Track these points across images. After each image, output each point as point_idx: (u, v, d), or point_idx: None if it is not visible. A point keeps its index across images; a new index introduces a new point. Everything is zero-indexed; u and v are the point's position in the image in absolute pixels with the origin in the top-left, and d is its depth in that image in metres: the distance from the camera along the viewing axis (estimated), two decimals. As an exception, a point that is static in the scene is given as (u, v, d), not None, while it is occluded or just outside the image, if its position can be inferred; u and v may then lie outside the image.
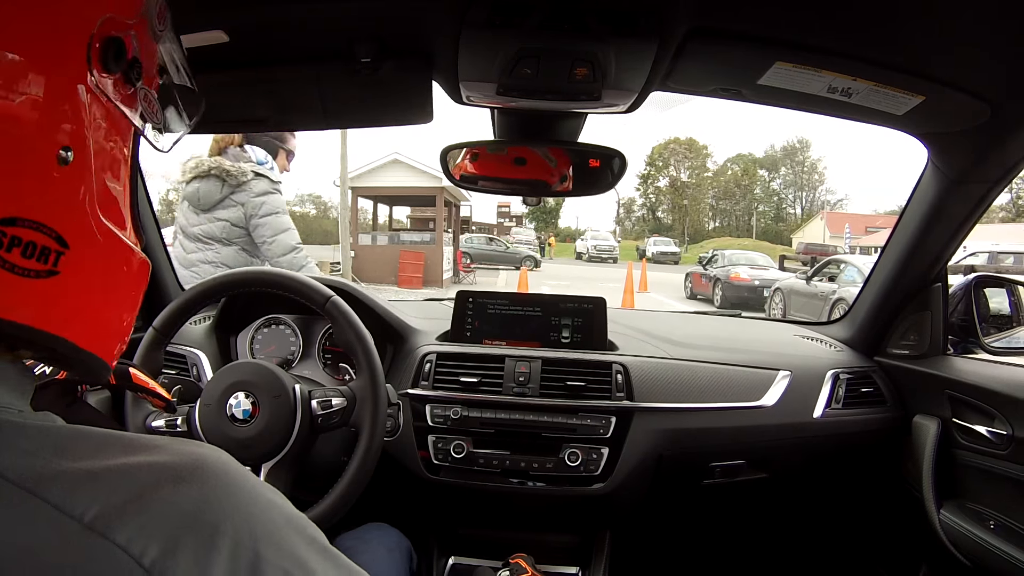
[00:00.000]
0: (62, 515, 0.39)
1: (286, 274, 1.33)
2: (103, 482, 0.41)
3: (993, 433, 1.47)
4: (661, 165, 69.51)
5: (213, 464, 0.46)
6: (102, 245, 0.51)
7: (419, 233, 20.38)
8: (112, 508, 0.40)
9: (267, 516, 0.46)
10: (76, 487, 0.40)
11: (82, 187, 0.49)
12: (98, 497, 0.40)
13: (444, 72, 1.23)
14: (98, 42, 0.49)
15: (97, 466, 0.42)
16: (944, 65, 1.11)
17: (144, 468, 0.43)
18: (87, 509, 0.39)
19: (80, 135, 0.48)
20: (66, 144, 0.46)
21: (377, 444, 1.22)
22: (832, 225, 45.92)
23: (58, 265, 0.47)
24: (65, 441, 0.44)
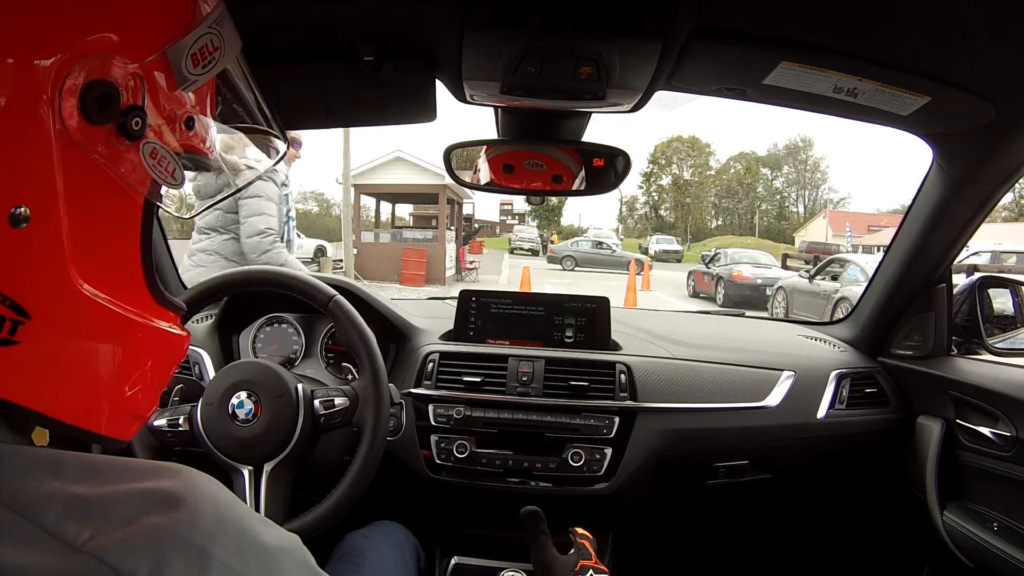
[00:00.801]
0: (54, 539, 0.38)
1: (288, 273, 1.33)
2: (96, 508, 0.40)
3: (997, 434, 1.47)
4: (664, 163, 69.56)
5: (204, 491, 0.44)
6: (85, 317, 0.47)
7: (422, 231, 20.35)
8: (104, 533, 0.39)
9: (258, 542, 0.45)
10: (69, 512, 0.39)
11: (48, 251, 0.44)
12: (90, 524, 0.39)
13: (447, 71, 1.22)
14: (76, 88, 0.43)
15: (90, 492, 0.40)
16: (950, 66, 1.10)
17: (136, 495, 0.41)
18: (79, 534, 0.38)
19: (45, 191, 0.43)
20: (19, 202, 0.41)
21: (380, 444, 1.22)
22: (835, 224, 45.87)
23: (16, 334, 0.43)
24: (58, 462, 0.42)
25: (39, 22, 0.41)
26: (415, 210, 33.43)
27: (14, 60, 0.40)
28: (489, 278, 20.04)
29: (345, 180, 16.76)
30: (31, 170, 0.42)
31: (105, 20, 0.45)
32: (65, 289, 0.45)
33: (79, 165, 0.44)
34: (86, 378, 0.48)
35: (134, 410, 0.53)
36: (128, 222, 0.50)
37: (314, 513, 1.18)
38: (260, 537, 0.45)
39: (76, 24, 0.43)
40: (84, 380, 0.48)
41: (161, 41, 0.49)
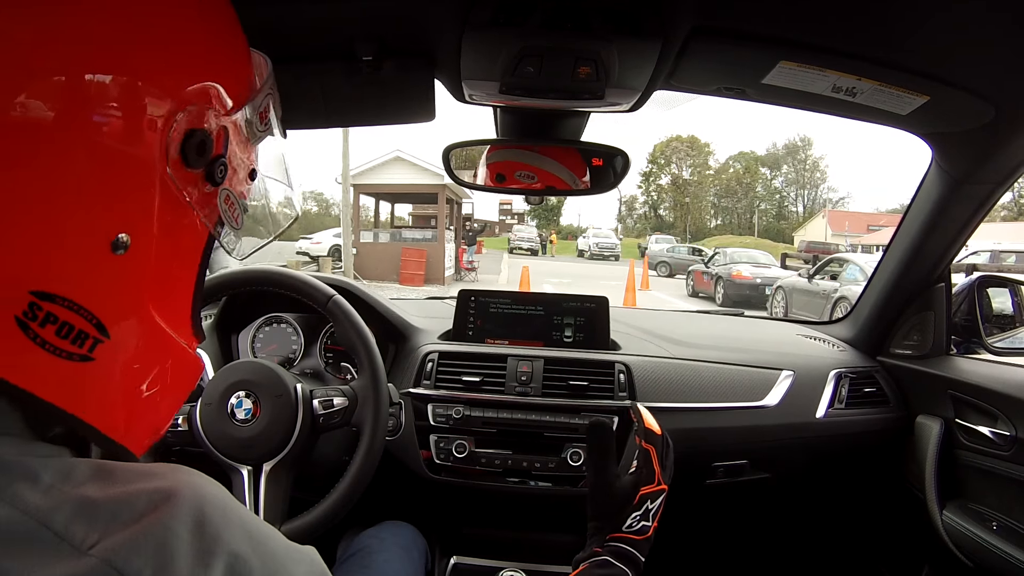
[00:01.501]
0: (63, 543, 0.39)
1: (287, 273, 1.33)
2: (103, 510, 0.41)
3: (996, 434, 1.47)
4: (663, 163, 69.58)
5: (208, 490, 0.46)
6: (148, 341, 0.50)
7: (421, 231, 20.34)
8: (112, 534, 0.40)
9: (267, 546, 0.46)
10: (78, 515, 0.40)
11: (135, 278, 0.47)
12: (97, 526, 0.40)
13: (446, 71, 1.22)
14: (180, 133, 0.47)
15: (98, 495, 0.42)
16: (949, 65, 1.10)
17: (143, 495, 0.42)
18: (87, 537, 0.39)
19: (144, 223, 0.46)
20: (123, 230, 0.45)
21: (379, 444, 1.22)
22: (834, 223, 45.91)
23: (94, 352, 0.45)
24: (68, 468, 0.43)
25: (155, 67, 0.45)
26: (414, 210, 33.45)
27: (144, 105, 0.44)
28: (488, 278, 20.03)
29: (344, 180, 16.76)
30: (137, 203, 0.45)
31: (210, 71, 0.50)
32: (140, 315, 0.49)
33: (172, 204, 0.48)
34: (139, 400, 0.51)
35: (159, 427, 0.56)
36: (194, 259, 0.54)
37: (313, 513, 1.18)
38: (268, 540, 0.47)
39: (187, 72, 0.47)
40: (136, 401, 0.51)
41: (247, 96, 0.54)
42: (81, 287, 0.44)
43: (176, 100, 0.46)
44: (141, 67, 0.44)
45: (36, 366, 0.43)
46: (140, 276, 0.47)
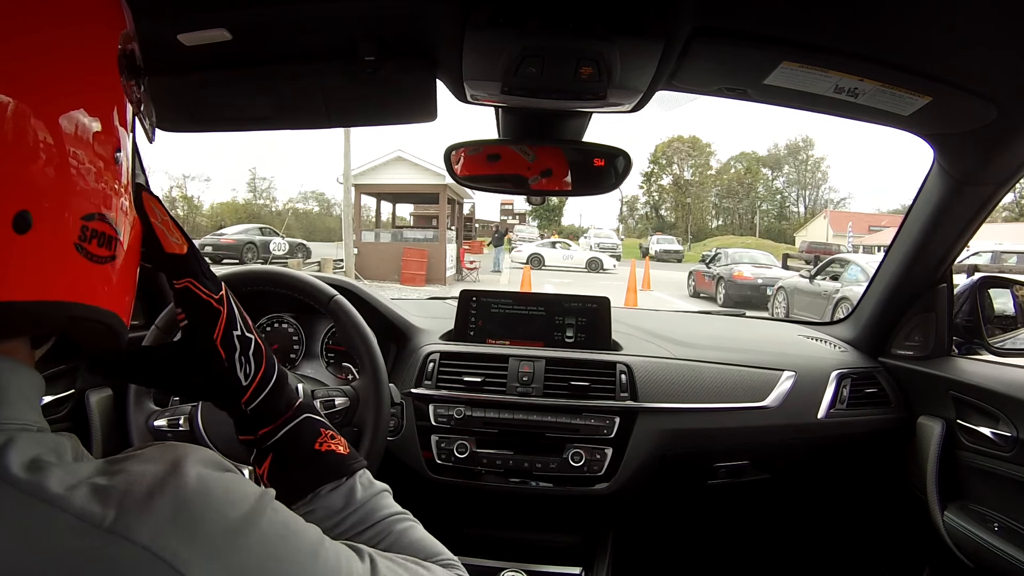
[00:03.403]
0: (83, 523, 0.42)
1: (289, 273, 1.32)
2: (115, 491, 0.44)
3: (997, 435, 1.47)
4: (664, 163, 69.44)
5: (203, 460, 0.50)
6: (130, 226, 0.57)
7: (422, 231, 20.33)
8: (128, 512, 0.43)
9: (255, 501, 0.50)
10: (92, 497, 0.43)
11: (123, 179, 0.54)
12: (113, 504, 0.43)
13: (448, 71, 1.22)
14: (124, 56, 0.53)
15: (107, 481, 0.45)
16: (951, 66, 1.10)
17: (149, 474, 0.46)
18: (105, 515, 0.42)
19: (123, 138, 0.54)
20: (119, 147, 0.52)
21: (380, 444, 1.22)
22: (835, 224, 45.82)
23: (115, 250, 0.53)
24: (76, 467, 0.46)
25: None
26: (416, 210, 33.40)
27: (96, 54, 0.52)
28: (490, 278, 20.03)
29: (346, 180, 16.78)
30: (123, 125, 0.54)
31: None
32: (128, 208, 0.56)
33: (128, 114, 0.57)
34: (133, 280, 0.59)
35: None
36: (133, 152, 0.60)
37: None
38: (251, 492, 0.50)
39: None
40: (132, 282, 0.59)
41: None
42: (105, 200, 0.51)
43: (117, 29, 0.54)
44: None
45: (90, 279, 0.50)
46: (125, 176, 0.54)
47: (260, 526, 0.48)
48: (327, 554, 0.52)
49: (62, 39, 0.48)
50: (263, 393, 0.72)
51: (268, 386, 0.72)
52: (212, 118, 1.42)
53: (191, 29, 1.09)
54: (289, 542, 0.50)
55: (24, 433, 0.47)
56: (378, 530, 0.70)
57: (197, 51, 1.15)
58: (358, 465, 0.74)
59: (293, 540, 0.50)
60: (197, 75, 1.25)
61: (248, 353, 0.70)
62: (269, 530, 0.48)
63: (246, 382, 0.70)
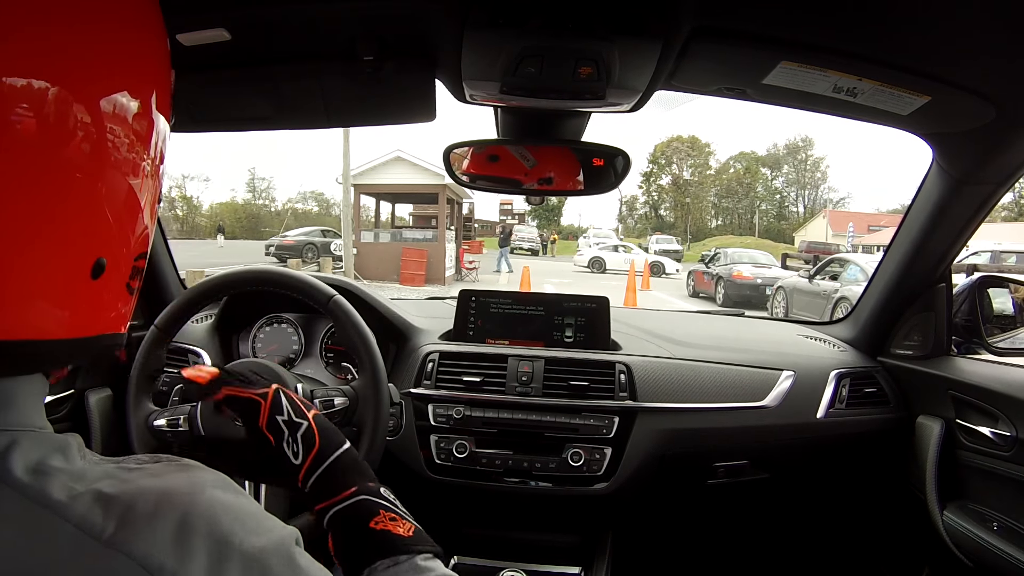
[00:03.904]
0: (82, 533, 0.41)
1: (288, 273, 1.32)
2: (119, 502, 0.44)
3: (997, 434, 1.47)
4: (664, 163, 69.44)
5: (219, 486, 0.49)
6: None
7: (421, 231, 20.32)
8: (129, 525, 0.43)
9: (276, 535, 0.49)
10: (95, 507, 0.43)
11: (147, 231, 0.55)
12: (114, 516, 0.43)
13: (447, 71, 1.22)
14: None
15: (113, 490, 0.44)
16: (950, 65, 1.10)
17: (157, 490, 0.46)
18: (105, 527, 0.42)
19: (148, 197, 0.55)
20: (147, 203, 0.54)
21: (379, 444, 1.22)
22: (834, 223, 45.84)
23: (139, 283, 0.55)
24: (80, 471, 0.46)
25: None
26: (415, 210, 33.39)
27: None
28: (489, 278, 20.02)
29: (345, 180, 16.76)
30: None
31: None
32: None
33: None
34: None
35: None
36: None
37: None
38: (277, 529, 0.50)
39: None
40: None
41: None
42: (148, 241, 0.54)
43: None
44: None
45: (127, 311, 0.54)
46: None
47: (269, 564, 0.46)
48: None
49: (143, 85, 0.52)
50: (318, 471, 0.77)
51: (322, 465, 0.77)
52: (211, 118, 1.42)
53: (190, 29, 1.08)
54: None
55: (29, 435, 0.46)
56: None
57: (196, 51, 1.14)
58: (422, 548, 0.72)
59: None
60: (196, 75, 1.25)
61: (297, 435, 0.78)
62: (280, 571, 0.47)
63: (297, 461, 0.77)
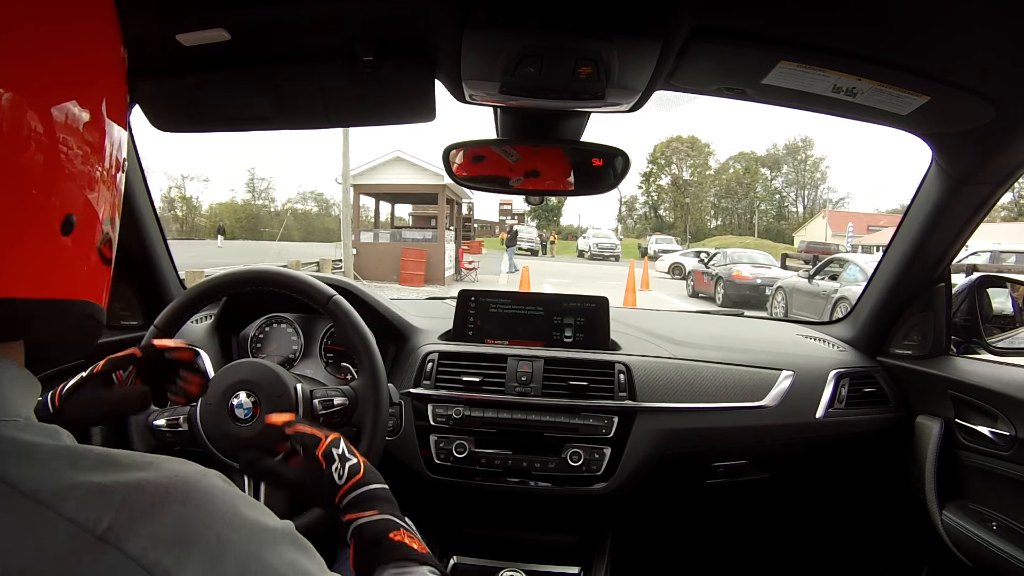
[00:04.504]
0: (76, 527, 0.40)
1: (288, 273, 1.33)
2: (114, 495, 0.42)
3: (996, 434, 1.47)
4: (663, 163, 69.43)
5: (215, 483, 0.48)
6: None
7: (421, 231, 20.32)
8: (123, 520, 0.41)
9: (272, 529, 0.49)
10: (88, 500, 0.42)
11: (121, 188, 0.57)
12: (109, 509, 0.41)
13: (446, 71, 1.23)
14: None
15: (107, 480, 0.43)
16: (949, 65, 1.10)
17: (152, 483, 0.44)
18: (99, 521, 0.41)
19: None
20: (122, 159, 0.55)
21: (379, 444, 1.22)
22: (834, 224, 45.81)
23: (114, 253, 0.56)
24: (74, 455, 0.45)
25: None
26: (414, 210, 33.37)
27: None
28: (488, 278, 20.02)
29: (344, 180, 16.76)
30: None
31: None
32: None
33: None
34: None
35: None
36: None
37: (314, 512, 1.18)
38: (270, 529, 0.49)
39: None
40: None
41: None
42: (115, 209, 0.55)
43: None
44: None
45: (102, 280, 0.54)
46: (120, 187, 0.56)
47: (267, 559, 0.46)
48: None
49: (103, 58, 0.52)
50: (356, 492, 0.89)
51: (361, 489, 0.89)
52: (211, 118, 1.42)
53: (190, 29, 1.09)
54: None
55: (15, 424, 0.46)
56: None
57: (196, 51, 1.15)
58: (431, 564, 0.79)
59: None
60: (196, 75, 1.25)
61: (345, 465, 0.91)
62: (279, 566, 0.47)
63: (340, 482, 0.90)
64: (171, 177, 67.24)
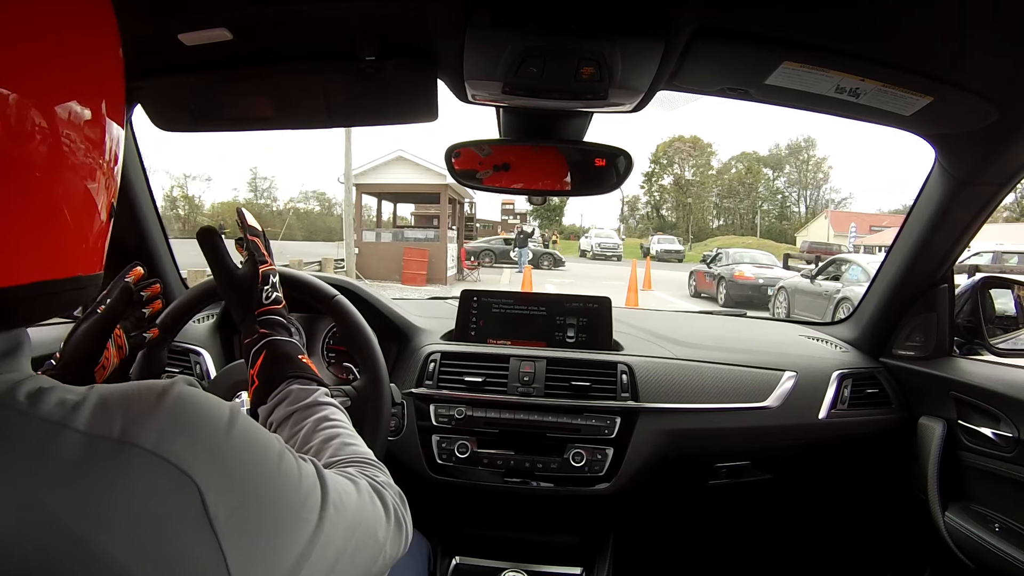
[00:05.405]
0: (92, 437, 0.46)
1: (290, 272, 1.32)
2: (116, 402, 0.49)
3: (998, 435, 1.47)
4: (665, 163, 69.33)
5: (185, 386, 0.54)
6: None
7: (423, 230, 20.30)
8: (133, 419, 0.48)
9: (236, 408, 0.56)
10: (96, 410, 0.47)
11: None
12: (118, 413, 0.48)
13: (449, 71, 1.22)
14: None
15: (107, 391, 0.50)
16: (953, 66, 1.10)
17: (145, 388, 0.51)
18: (112, 426, 0.47)
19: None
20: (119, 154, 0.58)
21: (381, 444, 1.22)
22: (836, 224, 45.74)
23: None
24: (77, 389, 0.50)
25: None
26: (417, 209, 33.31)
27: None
28: (490, 278, 20.02)
29: (347, 179, 16.77)
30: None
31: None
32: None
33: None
34: None
35: None
36: None
37: None
38: (229, 404, 0.56)
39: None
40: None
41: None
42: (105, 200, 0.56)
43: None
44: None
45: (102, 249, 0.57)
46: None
47: (238, 429, 0.53)
48: (289, 457, 0.58)
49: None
50: (272, 314, 1.00)
51: (276, 313, 1.00)
52: (213, 118, 1.42)
53: (192, 29, 1.09)
54: (261, 445, 0.56)
55: (25, 375, 0.51)
56: (327, 434, 0.82)
57: (198, 51, 1.15)
58: (325, 384, 0.95)
59: (264, 443, 0.56)
60: (198, 75, 1.25)
61: (272, 293, 1.02)
62: (246, 433, 0.54)
63: (266, 302, 1.00)
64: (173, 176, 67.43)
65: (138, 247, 1.69)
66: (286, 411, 0.87)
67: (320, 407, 0.87)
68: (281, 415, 0.87)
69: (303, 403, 0.87)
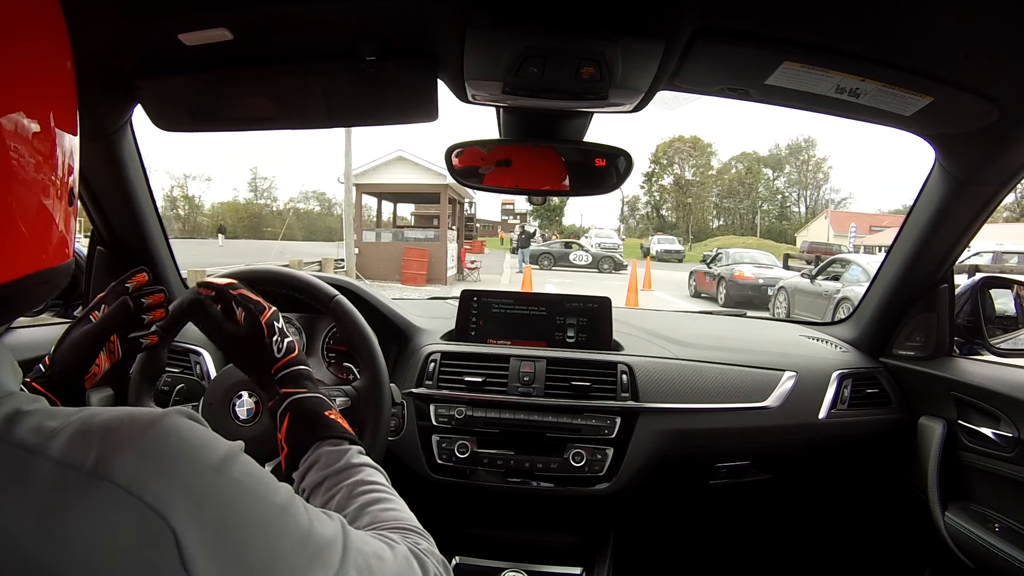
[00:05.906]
0: (64, 468, 0.44)
1: (290, 273, 1.33)
2: (95, 434, 0.46)
3: (999, 435, 1.47)
4: (666, 163, 69.38)
5: (183, 420, 0.51)
6: None
7: (423, 230, 20.30)
8: (108, 452, 0.45)
9: (233, 448, 0.53)
10: (73, 440, 0.45)
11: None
12: (93, 445, 0.45)
13: (449, 71, 1.22)
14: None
15: (89, 419, 0.47)
16: (953, 66, 1.10)
17: (129, 418, 0.48)
18: (86, 457, 0.44)
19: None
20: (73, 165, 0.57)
21: (381, 444, 1.22)
22: (836, 224, 45.76)
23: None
24: (55, 411, 0.49)
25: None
26: (417, 209, 33.33)
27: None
28: (490, 278, 20.02)
29: (347, 179, 16.78)
30: None
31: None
32: None
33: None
34: None
35: None
36: None
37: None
38: (226, 443, 0.53)
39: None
40: None
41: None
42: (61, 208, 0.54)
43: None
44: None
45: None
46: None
47: (232, 473, 0.50)
48: (297, 510, 0.55)
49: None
50: (290, 368, 0.95)
51: (295, 367, 0.96)
52: (213, 118, 1.42)
53: (192, 29, 1.09)
54: (259, 493, 0.52)
55: (4, 393, 0.49)
56: (364, 500, 0.79)
57: (198, 51, 1.15)
58: (359, 444, 0.90)
59: (265, 491, 0.53)
60: (198, 75, 1.25)
61: (283, 341, 0.97)
62: (242, 477, 0.51)
63: (279, 356, 0.96)
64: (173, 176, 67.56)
65: (138, 247, 1.69)
66: (318, 476, 0.82)
67: (355, 470, 0.83)
68: (313, 480, 0.83)
69: (335, 467, 0.83)
